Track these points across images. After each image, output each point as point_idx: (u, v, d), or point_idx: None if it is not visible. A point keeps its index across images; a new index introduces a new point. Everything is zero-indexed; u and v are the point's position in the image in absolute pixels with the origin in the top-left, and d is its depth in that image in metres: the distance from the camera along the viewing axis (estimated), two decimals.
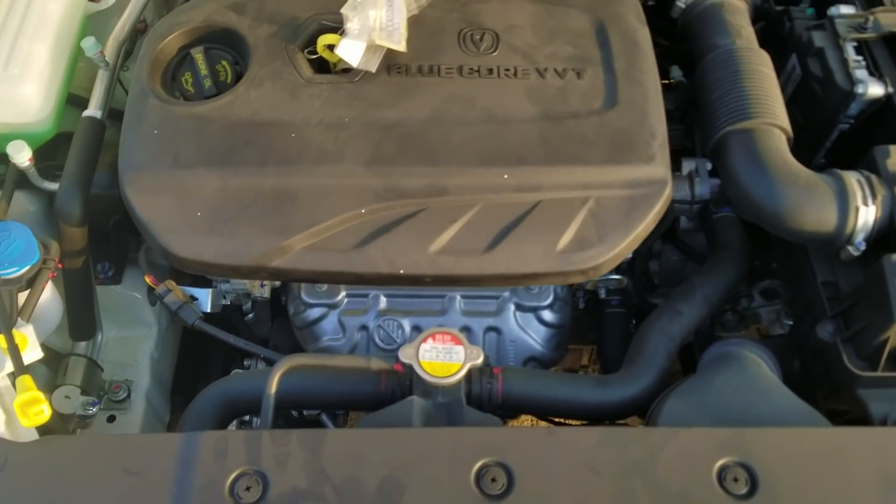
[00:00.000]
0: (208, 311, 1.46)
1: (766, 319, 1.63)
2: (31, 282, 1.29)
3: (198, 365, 1.90)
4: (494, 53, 1.40)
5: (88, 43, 1.48)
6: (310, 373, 1.26)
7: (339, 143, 1.30)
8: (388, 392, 1.23)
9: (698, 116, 1.46)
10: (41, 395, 1.13)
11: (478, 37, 1.42)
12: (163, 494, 1.02)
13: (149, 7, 1.85)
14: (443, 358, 1.15)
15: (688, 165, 1.59)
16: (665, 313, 1.40)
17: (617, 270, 1.62)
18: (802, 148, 1.55)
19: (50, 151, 1.54)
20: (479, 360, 1.16)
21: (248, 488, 1.02)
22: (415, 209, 1.28)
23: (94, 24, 1.68)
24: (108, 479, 1.04)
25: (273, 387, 1.14)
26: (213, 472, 1.03)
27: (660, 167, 1.31)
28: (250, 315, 1.73)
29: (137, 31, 1.84)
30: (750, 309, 1.65)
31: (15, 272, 1.25)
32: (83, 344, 1.61)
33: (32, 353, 1.22)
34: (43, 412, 1.11)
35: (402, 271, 1.26)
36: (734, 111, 1.34)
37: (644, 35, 1.44)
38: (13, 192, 1.45)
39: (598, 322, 1.75)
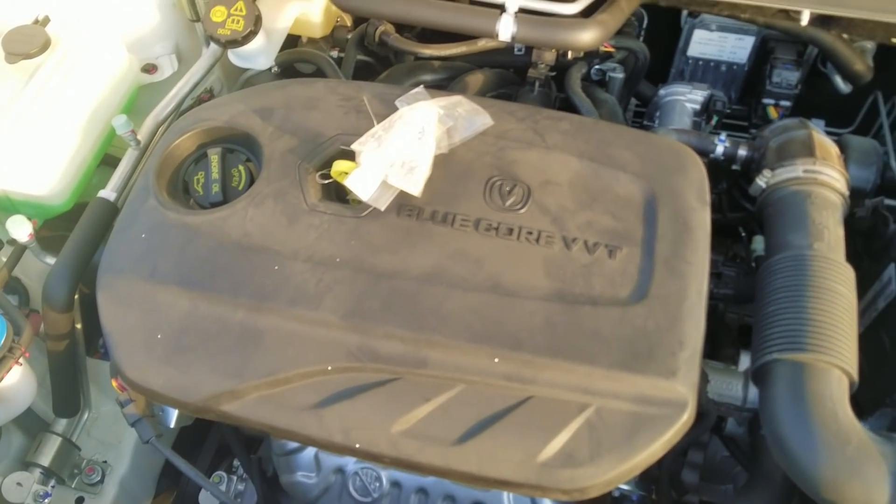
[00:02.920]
0: (172, 426, 1.37)
1: None
2: None
3: (191, 449, 1.82)
4: (521, 211, 1.23)
5: (120, 121, 1.44)
6: None
7: (322, 286, 1.17)
8: None
9: (754, 323, 1.23)
10: None
11: (507, 188, 1.25)
12: None
13: (217, 78, 1.83)
14: None
15: (746, 361, 1.36)
16: None
17: None
18: (886, 378, 1.29)
19: (69, 220, 1.51)
20: None
21: None
22: (387, 377, 1.13)
23: (148, 96, 1.65)
24: None
25: None
26: None
27: (681, 385, 1.10)
28: None
29: (201, 101, 1.81)
30: None
31: None
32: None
33: None
34: None
35: (357, 446, 1.11)
36: (788, 335, 1.10)
37: (701, 219, 1.23)
38: (13, 268, 1.41)
39: None
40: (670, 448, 1.10)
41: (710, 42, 1.85)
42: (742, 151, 1.45)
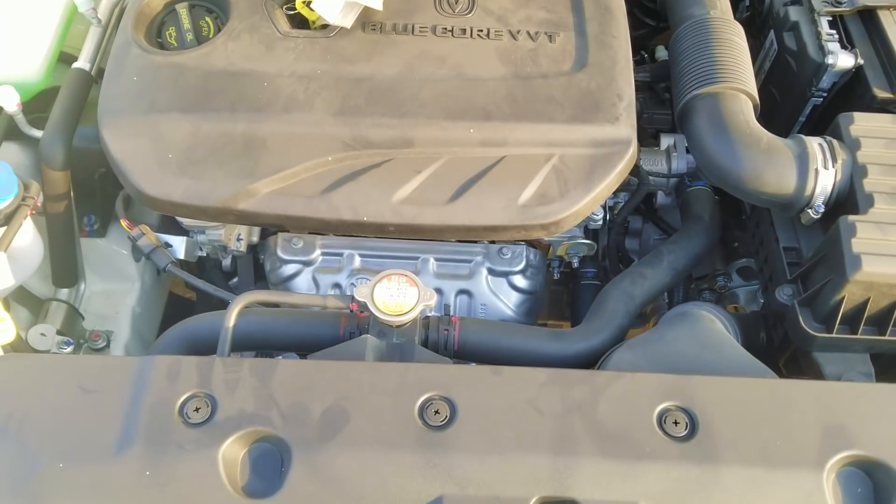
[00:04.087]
0: (182, 257, 1.50)
1: (744, 299, 1.64)
2: (10, 217, 1.33)
3: None
4: (469, 15, 1.43)
5: None
6: (272, 315, 1.29)
7: (310, 93, 1.33)
8: (346, 335, 1.25)
9: (671, 85, 1.48)
10: (7, 317, 1.16)
11: None
12: (115, 411, 1.04)
13: None
14: (397, 298, 1.17)
15: (666, 140, 1.61)
16: (629, 276, 1.41)
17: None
18: (779, 123, 1.57)
19: (42, 105, 1.59)
20: (432, 302, 1.18)
21: (196, 409, 1.04)
22: (381, 159, 1.31)
23: None
24: (64, 394, 1.06)
25: (231, 320, 1.17)
26: (164, 392, 1.06)
27: (624, 128, 1.33)
28: (234, 280, 1.77)
29: None
30: (727, 288, 1.66)
31: None
32: (65, 292, 1.66)
33: (4, 281, 1.25)
34: (7, 332, 1.15)
35: (365, 219, 1.29)
36: (701, 76, 1.35)
37: (618, 2, 1.46)
38: (2, 140, 1.50)
39: (572, 293, 1.76)
40: (622, 180, 1.34)
41: None
42: None
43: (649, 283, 1.41)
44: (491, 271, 1.53)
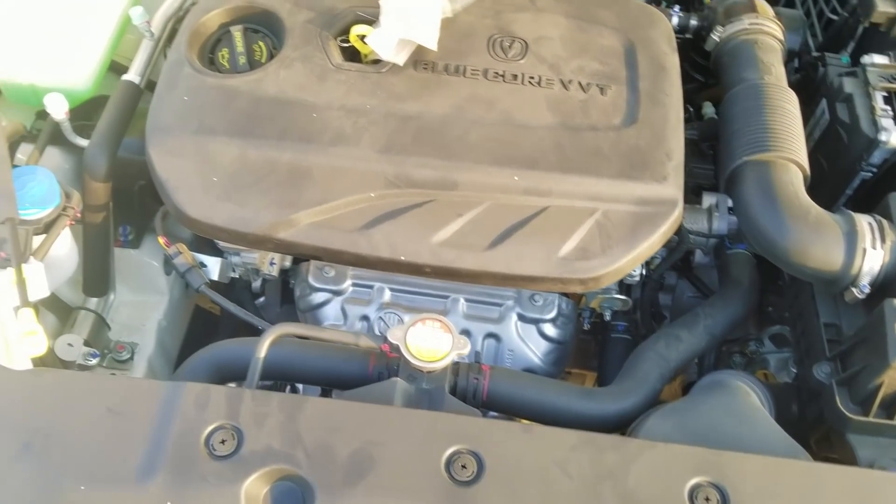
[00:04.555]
0: (215, 278, 1.49)
1: (774, 366, 1.61)
2: (49, 226, 1.34)
3: (205, 342, 1.92)
4: (521, 61, 1.43)
5: (136, 12, 1.55)
6: (301, 347, 1.28)
7: (358, 127, 1.33)
8: (375, 375, 1.24)
9: (719, 147, 1.46)
10: (40, 329, 1.16)
11: (507, 44, 1.45)
12: (141, 436, 1.03)
13: None
14: (430, 344, 1.16)
15: (708, 200, 1.59)
16: (664, 337, 1.39)
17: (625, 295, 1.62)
18: (825, 193, 1.55)
19: (88, 113, 1.60)
20: (465, 350, 1.16)
21: (223, 441, 1.03)
22: (423, 199, 1.30)
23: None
24: (91, 415, 1.05)
25: (263, 351, 1.16)
26: (192, 421, 1.04)
27: (671, 188, 1.32)
28: (261, 299, 1.76)
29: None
30: (759, 353, 1.63)
31: (34, 214, 1.30)
32: (94, 301, 1.66)
33: (39, 290, 1.26)
34: (39, 344, 1.14)
35: (402, 258, 1.28)
36: (753, 142, 1.34)
37: (673, 61, 1.45)
38: (46, 145, 1.51)
39: (600, 345, 1.74)
40: (671, 249, 1.32)
41: None
42: (693, 21, 1.69)
43: (684, 346, 1.39)
44: (521, 317, 1.51)
